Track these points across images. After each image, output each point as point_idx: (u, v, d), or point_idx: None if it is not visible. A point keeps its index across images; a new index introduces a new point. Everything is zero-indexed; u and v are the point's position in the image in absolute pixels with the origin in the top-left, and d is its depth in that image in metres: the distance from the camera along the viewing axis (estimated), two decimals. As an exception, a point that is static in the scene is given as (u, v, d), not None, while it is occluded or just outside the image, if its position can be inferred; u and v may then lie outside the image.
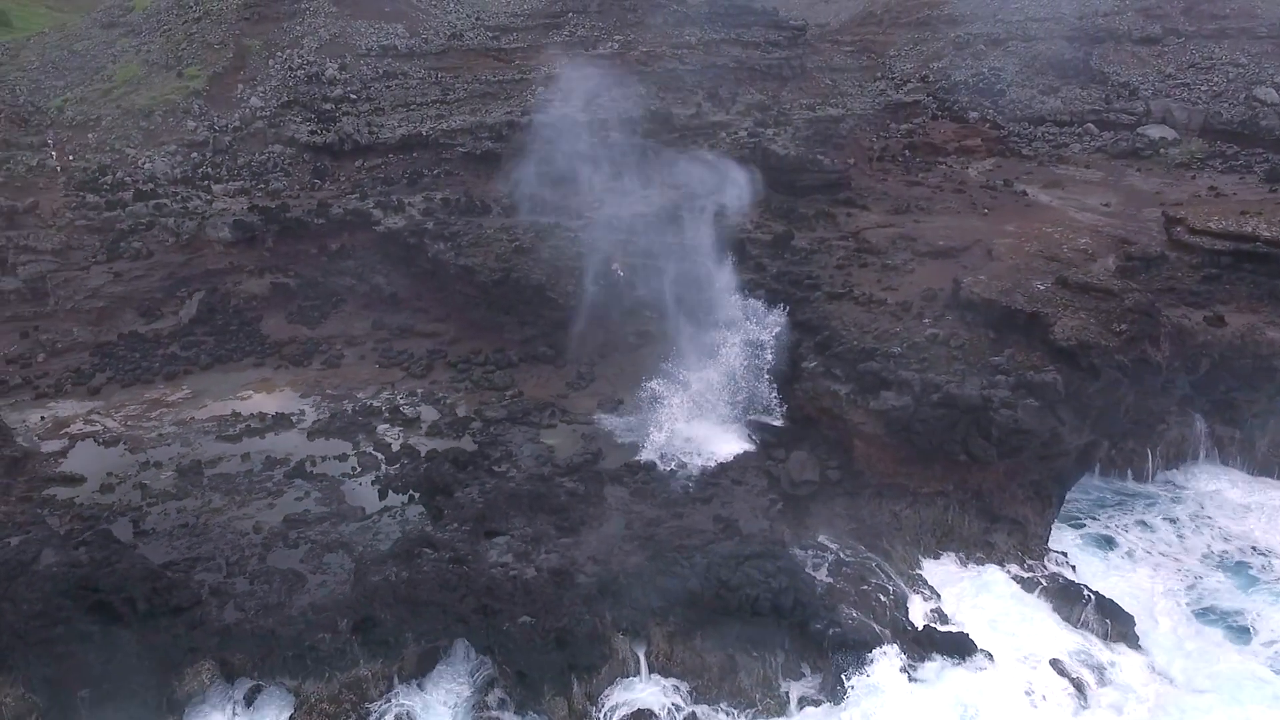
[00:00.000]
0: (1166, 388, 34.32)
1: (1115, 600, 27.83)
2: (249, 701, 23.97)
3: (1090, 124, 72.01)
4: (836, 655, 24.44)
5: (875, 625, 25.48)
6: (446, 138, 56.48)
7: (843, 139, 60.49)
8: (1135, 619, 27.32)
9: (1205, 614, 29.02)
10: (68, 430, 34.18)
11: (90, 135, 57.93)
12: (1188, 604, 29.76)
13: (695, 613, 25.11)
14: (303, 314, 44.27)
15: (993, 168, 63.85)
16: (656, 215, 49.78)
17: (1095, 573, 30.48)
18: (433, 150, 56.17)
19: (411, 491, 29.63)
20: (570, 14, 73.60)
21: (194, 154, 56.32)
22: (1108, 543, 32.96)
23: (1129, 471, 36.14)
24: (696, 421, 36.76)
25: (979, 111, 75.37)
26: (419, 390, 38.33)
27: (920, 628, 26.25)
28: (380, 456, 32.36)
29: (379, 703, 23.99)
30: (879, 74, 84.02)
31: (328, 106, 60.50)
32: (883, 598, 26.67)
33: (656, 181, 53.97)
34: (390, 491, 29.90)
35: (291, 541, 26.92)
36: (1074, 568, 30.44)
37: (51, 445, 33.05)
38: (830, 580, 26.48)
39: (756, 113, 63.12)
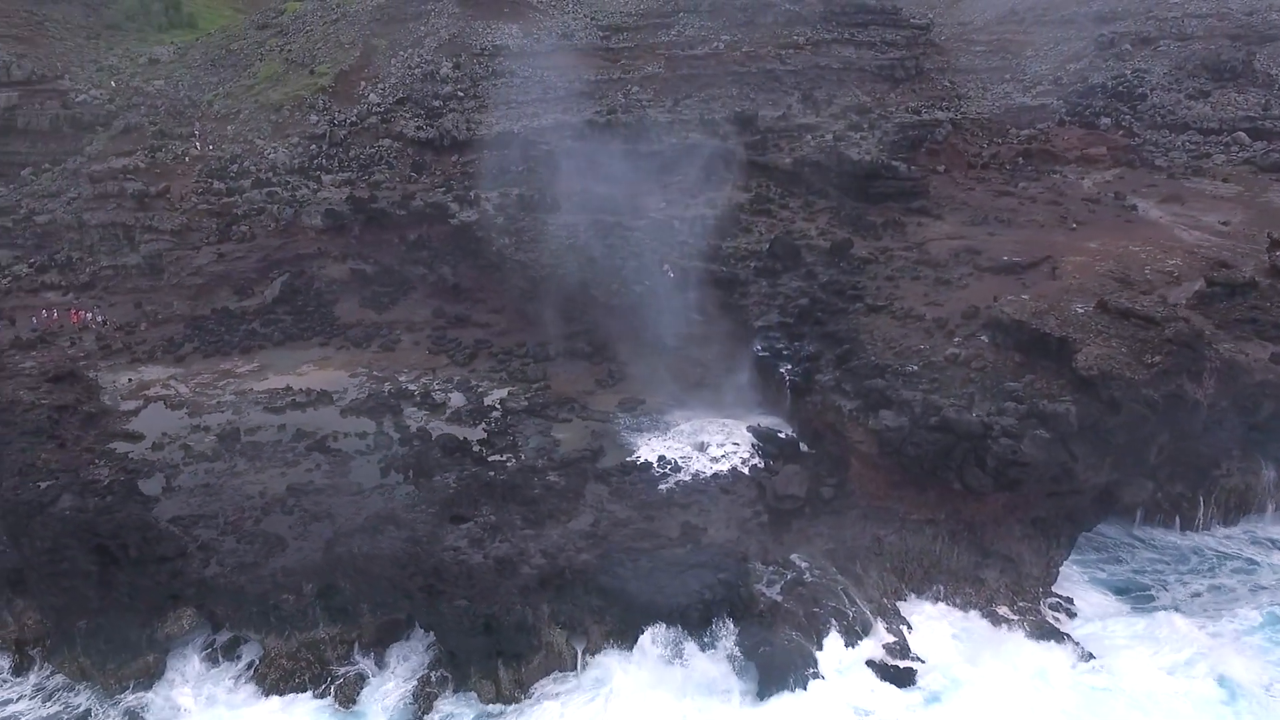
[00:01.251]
0: (1214, 429, 31.21)
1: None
2: (227, 650, 26.68)
3: (1241, 132, 65.41)
4: (762, 674, 24.20)
5: (813, 649, 24.98)
6: (535, 135, 58.53)
7: (938, 144, 57.89)
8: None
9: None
10: (146, 392, 38.55)
11: (229, 127, 64.12)
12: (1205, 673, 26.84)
13: (632, 615, 25.55)
14: (374, 299, 47.51)
15: (1113, 179, 59.26)
16: (719, 218, 49.93)
17: (1116, 630, 28.02)
18: (521, 147, 58.34)
19: (407, 472, 31.50)
20: (682, 14, 74.20)
21: (312, 146, 61.18)
22: (1139, 596, 30.25)
23: (1177, 519, 33.19)
24: (708, 426, 36.95)
25: (1112, 117, 70.12)
26: (456, 377, 40.44)
27: (875, 659, 25.46)
28: (395, 437, 34.55)
29: (336, 665, 26.03)
30: (1008, 75, 79.75)
31: (436, 103, 64.05)
32: (835, 622, 26.07)
33: (729, 183, 54.03)
34: (392, 471, 31.93)
35: (288, 508, 29.43)
36: (1074, 615, 28.48)
37: (129, 405, 37.41)
38: (779, 599, 26.15)
39: (854, 115, 61.45)
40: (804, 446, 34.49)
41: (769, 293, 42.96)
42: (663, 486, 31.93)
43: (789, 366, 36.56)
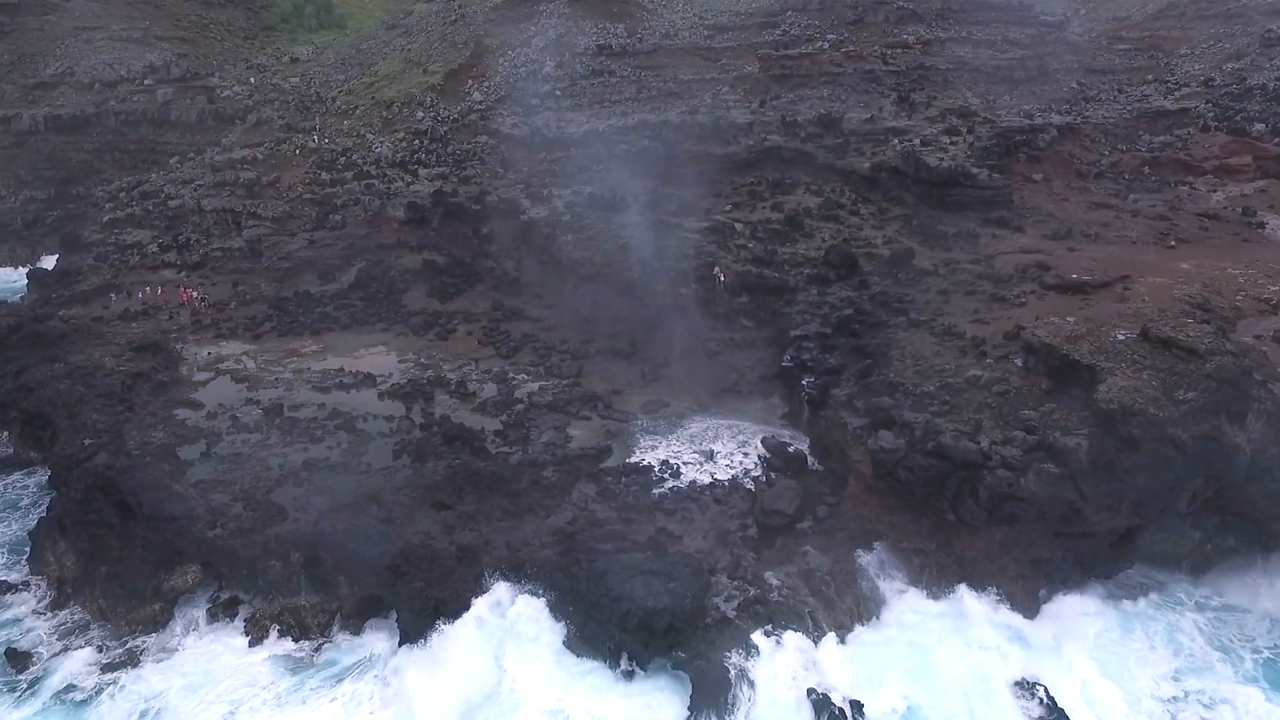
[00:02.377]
0: (1263, 478, 27.86)
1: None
2: (227, 607, 29.03)
3: None
4: (694, 690, 23.91)
5: (753, 672, 24.39)
6: (619, 135, 59.30)
7: (1040, 151, 54.22)
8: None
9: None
10: (219, 365, 42.16)
11: (346, 122, 68.65)
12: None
13: (580, 613, 25.84)
14: (441, 289, 49.78)
15: (1252, 192, 53.61)
16: (783, 222, 48.98)
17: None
18: (603, 145, 59.26)
19: (410, 457, 33.00)
20: (789, 12, 72.99)
21: (415, 141, 64.50)
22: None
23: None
24: (724, 434, 36.60)
25: (1268, 123, 63.14)
26: (495, 369, 41.85)
27: (819, 689, 24.58)
28: (418, 423, 36.21)
29: (316, 633, 27.81)
30: (1150, 76, 73.47)
31: (534, 101, 66.00)
32: (789, 647, 25.30)
33: (803, 187, 52.82)
34: (404, 454, 33.54)
35: (299, 481, 31.58)
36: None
37: (201, 376, 41.06)
38: (733, 616, 25.66)
39: (954, 118, 58.45)
40: (814, 462, 33.59)
41: (816, 301, 41.91)
42: (656, 491, 31.96)
43: (810, 379, 35.59)
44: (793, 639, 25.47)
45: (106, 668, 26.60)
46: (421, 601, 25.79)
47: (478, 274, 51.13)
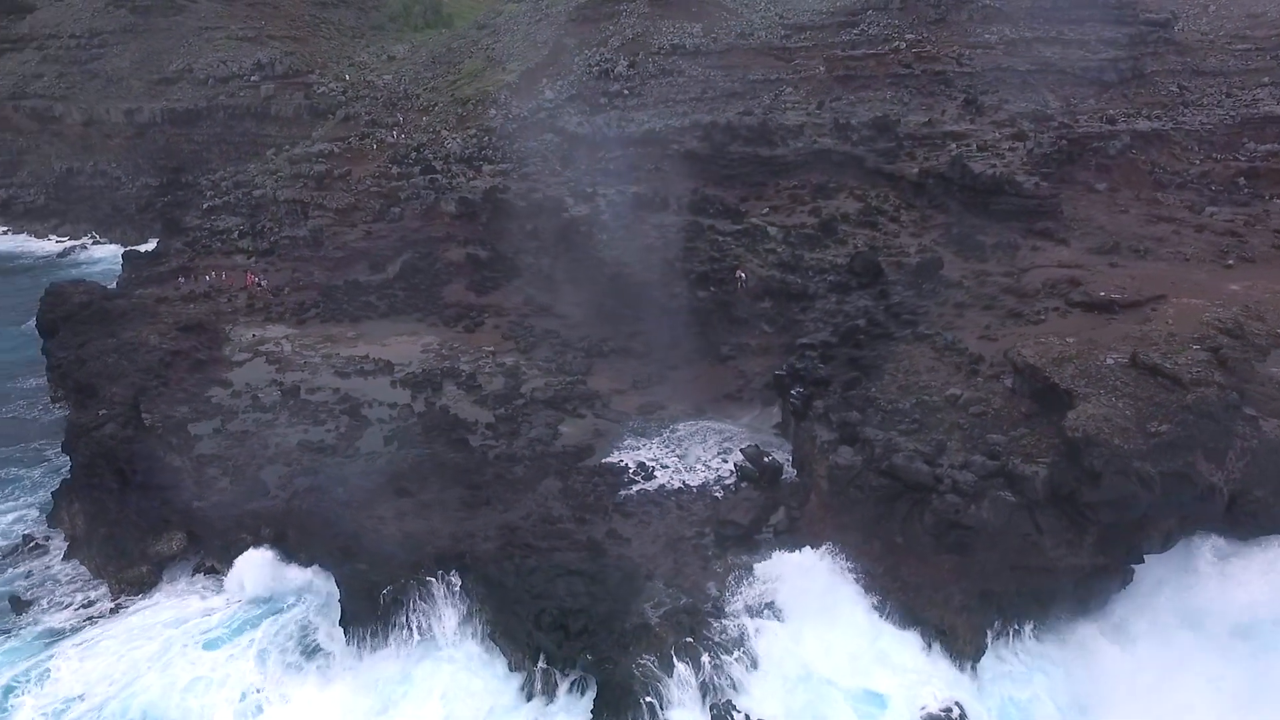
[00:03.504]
0: (1246, 521, 25.42)
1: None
2: (209, 573, 31.27)
3: None
4: (599, 694, 24.06)
5: (662, 684, 24.27)
6: (674, 135, 59.29)
7: (1110, 159, 50.72)
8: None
9: None
10: (259, 347, 44.97)
11: (424, 118, 71.58)
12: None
13: (506, 606, 26.41)
14: (479, 283, 51.32)
15: (1359, 210, 48.53)
16: (817, 227, 47.90)
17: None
18: (659, 145, 59.44)
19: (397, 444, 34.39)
20: (870, 11, 71.00)
21: (485, 137, 66.58)
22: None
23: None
24: (711, 439, 36.38)
25: (1402, 132, 56.91)
26: (508, 362, 42.89)
27: (724, 706, 24.26)
28: (418, 412, 37.60)
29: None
30: (1266, 79, 67.47)
31: (602, 100, 66.85)
32: (708, 659, 25.06)
33: (846, 191, 51.42)
34: (395, 441, 34.97)
35: (288, 460, 33.51)
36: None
37: (240, 357, 43.95)
38: (654, 624, 25.59)
39: (1025, 123, 55.45)
40: (793, 473, 32.93)
41: (832, 309, 40.90)
42: (622, 493, 32.15)
43: (798, 388, 34.81)
44: (712, 651, 25.14)
45: (90, 618, 29.19)
46: (361, 583, 26.99)
47: (517, 269, 52.34)
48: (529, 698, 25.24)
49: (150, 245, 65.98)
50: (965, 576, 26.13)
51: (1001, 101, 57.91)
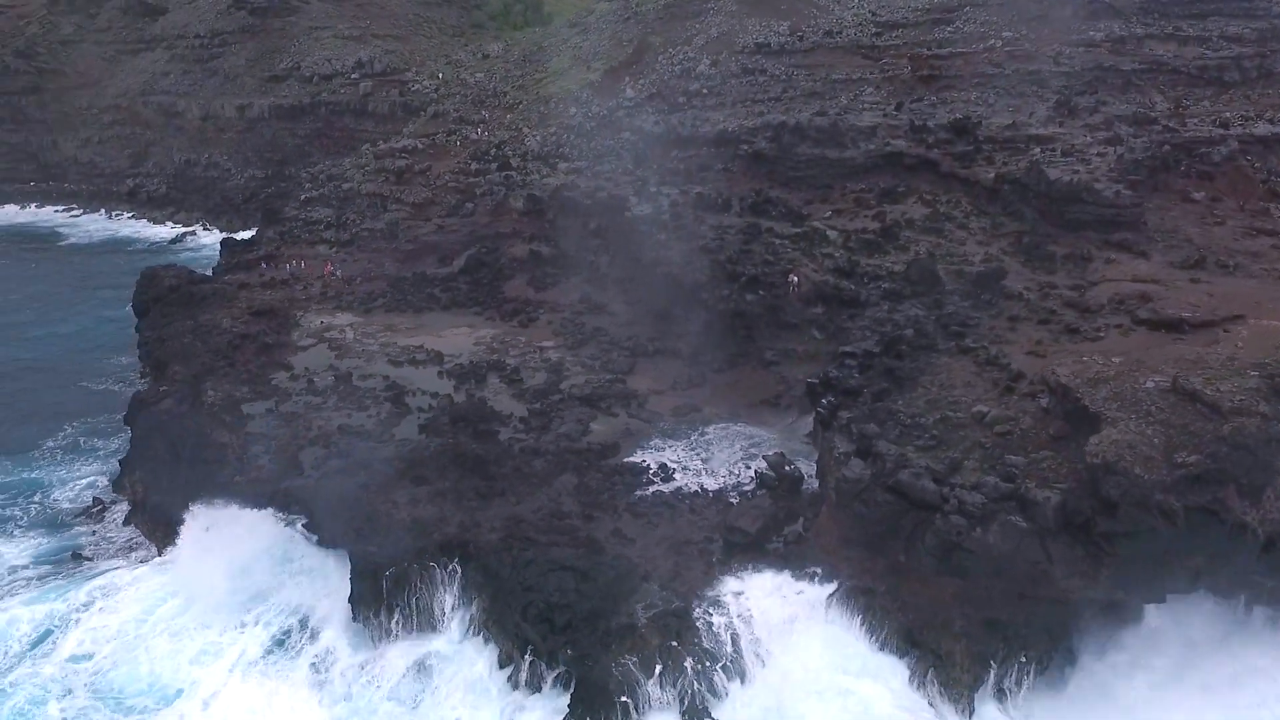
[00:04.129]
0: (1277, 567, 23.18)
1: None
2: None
3: None
4: (575, 691, 24.10)
5: (640, 685, 24.07)
6: (747, 135, 58.60)
7: (1214, 166, 47.09)
8: None
9: None
10: (325, 334, 46.94)
11: (508, 116, 73.20)
12: None
13: (500, 597, 26.78)
14: (540, 279, 52.06)
15: None
16: (880, 232, 46.42)
17: None
18: (730, 146, 58.88)
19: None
20: (967, 7, 68.46)
21: (564, 135, 67.54)
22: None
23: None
24: (739, 444, 35.88)
25: None
26: (553, 358, 43.34)
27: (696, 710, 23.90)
28: (456, 401, 38.46)
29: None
30: None
31: (680, 100, 66.79)
32: (689, 664, 24.74)
33: (915, 195, 49.59)
34: (427, 430, 35.91)
35: (327, 443, 34.86)
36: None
37: (306, 342, 45.99)
38: (641, 625, 25.41)
39: (1123, 126, 52.17)
40: (814, 484, 32.09)
41: (882, 318, 39.57)
42: (638, 493, 32.05)
43: (829, 397, 33.84)
44: (695, 656, 24.81)
45: (133, 580, 31.32)
46: (370, 565, 27.91)
47: (577, 267, 52.77)
48: (515, 687, 25.52)
49: (250, 233, 70.04)
50: (968, 602, 24.86)
51: (1099, 103, 54.65)
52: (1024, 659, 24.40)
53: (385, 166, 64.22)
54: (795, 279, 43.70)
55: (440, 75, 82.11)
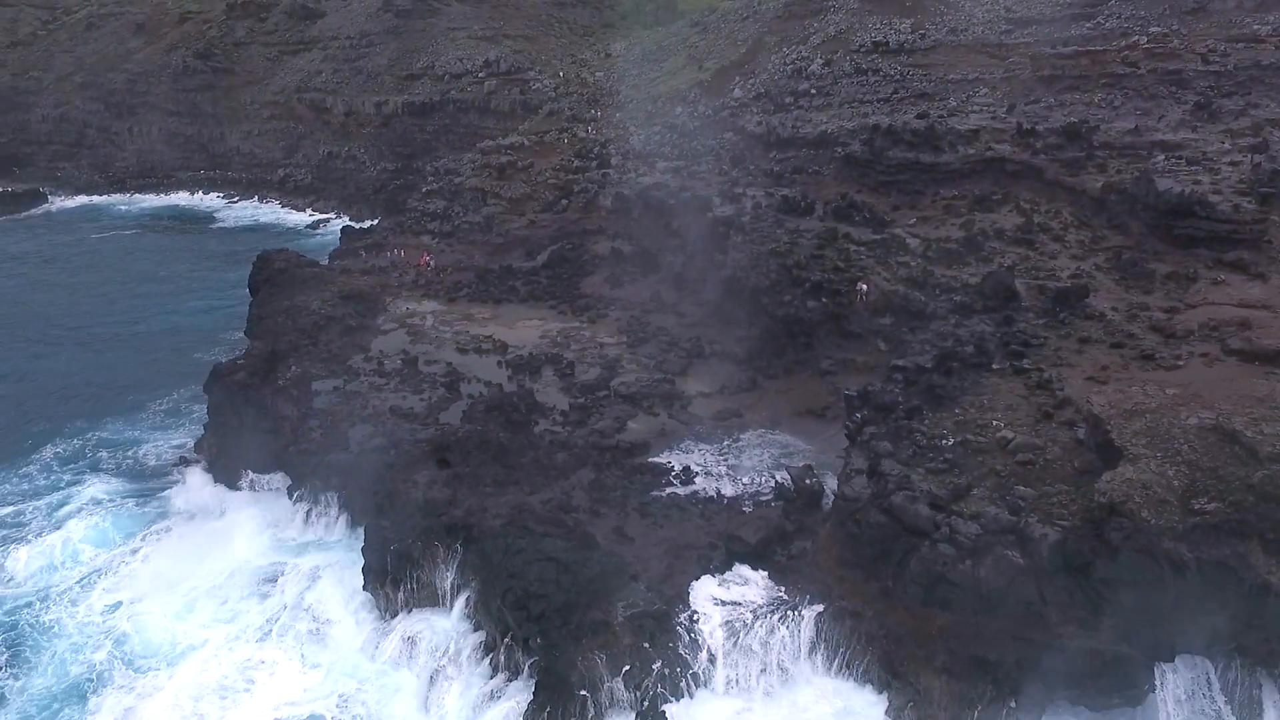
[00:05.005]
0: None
1: None
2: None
3: None
4: (540, 681, 24.26)
5: (604, 681, 23.94)
6: (846, 137, 56.82)
7: (1363, 180, 41.49)
8: None
9: None
10: (407, 320, 49.23)
11: (617, 114, 74.04)
12: None
13: (493, 580, 27.30)
14: (617, 277, 52.52)
15: None
16: (962, 242, 43.87)
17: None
18: (828, 148, 57.29)
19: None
20: (1113, 1, 63.49)
21: (667, 134, 67.72)
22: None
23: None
24: (769, 453, 35.01)
25: None
26: (611, 354, 43.66)
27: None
28: (508, 391, 39.41)
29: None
30: None
31: (787, 100, 65.61)
32: (657, 667, 24.38)
33: (1012, 204, 46.51)
34: (466, 418, 37.00)
35: (377, 422, 36.58)
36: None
37: (388, 326, 48.41)
38: (616, 623, 25.25)
39: (1274, 130, 46.97)
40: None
41: (946, 332, 37.40)
42: (653, 493, 31.87)
43: (863, 411, 32.35)
44: (665, 659, 24.43)
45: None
46: (381, 539, 29.16)
47: (655, 266, 52.86)
48: (495, 671, 25.98)
49: (374, 222, 74.31)
50: (955, 637, 23.17)
51: (1248, 106, 49.40)
52: (1013, 705, 22.52)
53: (490, 162, 66.46)
54: (864, 287, 41.99)
55: (561, 74, 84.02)
